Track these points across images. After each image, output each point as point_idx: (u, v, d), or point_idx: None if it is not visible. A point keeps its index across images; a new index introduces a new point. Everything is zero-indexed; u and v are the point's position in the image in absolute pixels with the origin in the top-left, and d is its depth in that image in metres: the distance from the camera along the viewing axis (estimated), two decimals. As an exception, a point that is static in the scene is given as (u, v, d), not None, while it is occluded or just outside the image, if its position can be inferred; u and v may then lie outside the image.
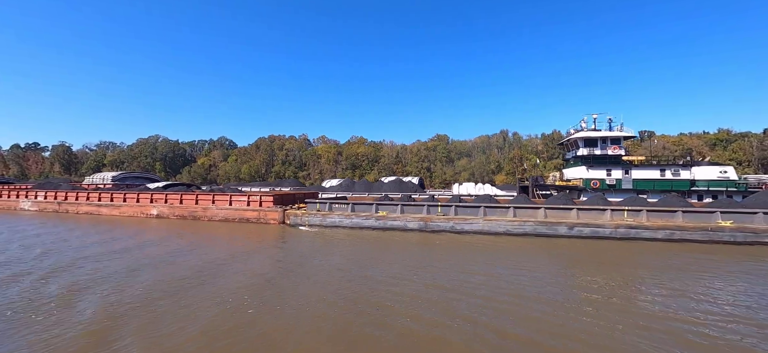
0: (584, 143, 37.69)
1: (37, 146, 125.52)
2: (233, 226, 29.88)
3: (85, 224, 29.89)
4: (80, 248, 19.48)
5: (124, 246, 20.36)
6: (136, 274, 14.45)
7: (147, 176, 70.58)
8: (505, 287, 13.01)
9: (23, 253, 18.09)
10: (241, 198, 33.12)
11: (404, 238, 24.00)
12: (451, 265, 16.41)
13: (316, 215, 28.91)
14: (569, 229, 24.10)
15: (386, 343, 8.61)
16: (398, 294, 12.05)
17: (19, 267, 15.38)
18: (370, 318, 10.06)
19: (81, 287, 12.68)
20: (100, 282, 13.33)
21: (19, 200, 44.09)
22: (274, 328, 9.44)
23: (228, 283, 13.31)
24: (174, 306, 10.82)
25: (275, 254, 19.11)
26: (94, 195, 40.34)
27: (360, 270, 15.45)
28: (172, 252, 18.86)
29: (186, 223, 31.64)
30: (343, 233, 26.46)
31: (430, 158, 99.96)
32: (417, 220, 26.68)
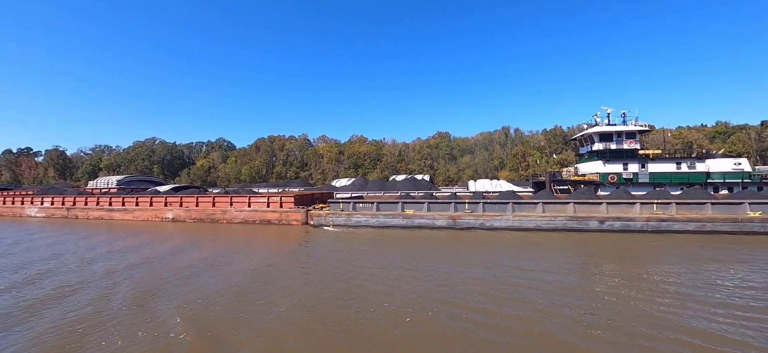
0: (599, 137, 37.92)
1: (29, 150, 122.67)
2: (255, 228, 29.42)
3: (102, 230, 29.12)
4: (119, 254, 18.91)
5: (162, 251, 19.83)
6: (198, 276, 14.06)
7: (151, 179, 69.35)
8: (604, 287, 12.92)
9: (62, 262, 17.46)
10: (261, 200, 32.64)
11: (436, 236, 23.81)
12: (520, 262, 16.29)
13: (341, 215, 28.59)
14: (600, 223, 24.18)
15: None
16: (495, 296, 11.77)
17: (70, 276, 14.78)
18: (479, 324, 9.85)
19: (151, 292, 12.21)
20: (167, 285, 12.90)
21: (25, 206, 42.90)
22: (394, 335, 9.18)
23: (297, 284, 13.00)
24: (267, 311, 10.47)
25: (320, 253, 18.80)
26: (104, 200, 39.41)
27: (427, 271, 15.08)
28: (219, 255, 18.38)
29: (204, 226, 31.08)
30: (370, 232, 26.19)
31: (433, 155, 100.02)
32: (445, 218, 26.53)
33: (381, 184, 46.69)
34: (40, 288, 12.96)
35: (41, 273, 15.02)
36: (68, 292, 12.42)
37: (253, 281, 13.68)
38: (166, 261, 17.19)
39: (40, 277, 14.43)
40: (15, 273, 15.22)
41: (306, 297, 11.80)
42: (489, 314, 10.07)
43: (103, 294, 12.17)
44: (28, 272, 15.32)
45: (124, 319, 9.97)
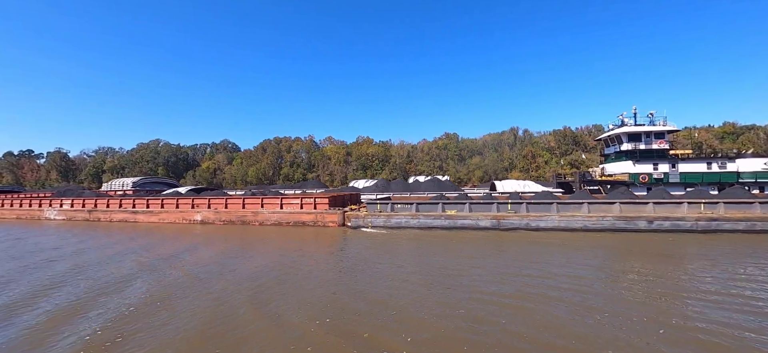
0: (628, 138, 37.87)
1: (31, 153, 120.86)
2: (290, 230, 28.88)
3: (132, 233, 28.39)
4: (173, 258, 18.37)
5: (219, 253, 19.33)
6: (285, 280, 13.62)
7: (166, 181, 68.50)
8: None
9: (125, 267, 16.91)
10: (293, 201, 32.15)
11: (482, 237, 23.48)
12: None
13: (380, 216, 28.19)
14: (649, 223, 24.00)
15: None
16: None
17: (150, 280, 14.28)
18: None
19: (266, 301, 11.71)
20: (269, 294, 12.44)
21: (43, 209, 42.04)
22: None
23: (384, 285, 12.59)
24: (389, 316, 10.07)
25: (380, 255, 18.39)
26: (127, 202, 38.69)
27: (526, 275, 14.72)
28: (282, 261, 17.92)
29: (235, 229, 30.48)
30: (411, 233, 25.78)
31: (442, 156, 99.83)
32: (489, 218, 26.23)
33: (404, 185, 46.33)
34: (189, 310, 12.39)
35: (169, 290, 12.77)
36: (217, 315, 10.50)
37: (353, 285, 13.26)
38: (236, 270, 16.69)
39: (170, 296, 12.14)
40: (118, 291, 12.70)
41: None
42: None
43: (240, 305, 11.28)
44: (143, 290, 12.69)
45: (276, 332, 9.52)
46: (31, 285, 13.49)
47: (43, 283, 13.81)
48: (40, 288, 13.22)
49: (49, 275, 15.06)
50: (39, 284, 13.69)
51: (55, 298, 11.96)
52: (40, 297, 12.08)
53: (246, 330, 9.24)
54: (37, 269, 16.23)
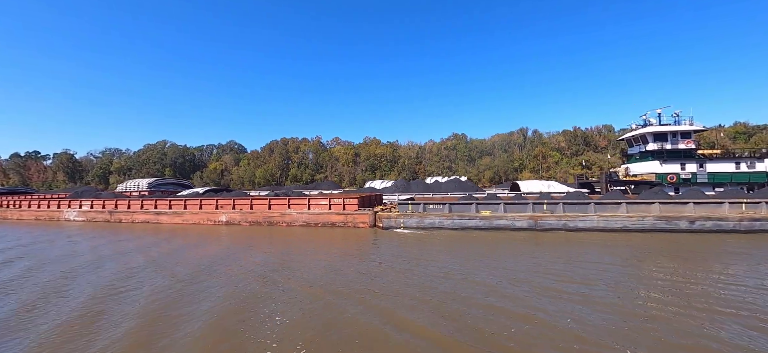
0: (654, 137, 37.61)
1: (37, 154, 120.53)
2: (319, 231, 28.54)
3: (163, 235, 28.00)
4: (218, 261, 18.03)
5: (266, 256, 19.02)
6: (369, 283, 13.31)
7: (181, 182, 68.22)
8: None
9: (186, 269, 16.59)
10: (321, 201, 31.85)
11: (520, 237, 23.18)
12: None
13: (413, 216, 27.90)
14: (690, 223, 23.71)
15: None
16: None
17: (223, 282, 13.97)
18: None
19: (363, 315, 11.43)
20: (373, 297, 12.15)
21: (63, 210, 41.71)
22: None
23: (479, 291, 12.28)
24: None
25: (446, 255, 18.08)
26: (148, 203, 38.38)
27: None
28: (340, 259, 17.63)
29: (262, 230, 30.11)
30: (446, 234, 25.44)
31: (451, 157, 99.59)
32: (525, 218, 25.93)
33: (425, 185, 46.04)
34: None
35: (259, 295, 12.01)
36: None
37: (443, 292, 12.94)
38: (312, 277, 16.37)
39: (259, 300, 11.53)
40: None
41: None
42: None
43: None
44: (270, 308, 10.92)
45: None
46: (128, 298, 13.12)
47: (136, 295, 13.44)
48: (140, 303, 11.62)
49: (121, 283, 14.72)
50: (131, 300, 12.99)
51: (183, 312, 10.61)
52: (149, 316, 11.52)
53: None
54: (88, 272, 15.91)
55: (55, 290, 13.02)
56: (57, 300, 11.89)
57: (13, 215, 44.88)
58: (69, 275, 15.22)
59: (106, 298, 11.95)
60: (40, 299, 12.00)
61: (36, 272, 15.92)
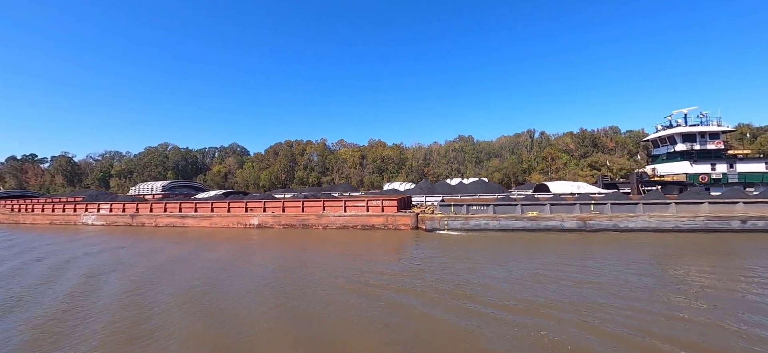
0: (683, 138, 37.80)
1: (34, 157, 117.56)
2: (359, 234, 27.86)
3: (200, 240, 27.10)
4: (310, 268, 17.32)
5: (348, 259, 18.36)
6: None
7: (194, 184, 66.89)
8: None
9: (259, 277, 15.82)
10: (358, 203, 31.22)
11: (568, 239, 22.85)
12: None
13: (457, 218, 27.42)
14: (742, 223, 23.61)
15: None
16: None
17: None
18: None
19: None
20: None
21: (80, 214, 40.36)
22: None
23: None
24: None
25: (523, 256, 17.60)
26: (172, 206, 37.34)
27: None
28: (411, 263, 17.03)
29: (297, 233, 29.35)
30: (492, 236, 25.01)
31: (459, 159, 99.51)
32: (574, 219, 25.62)
33: (449, 187, 45.62)
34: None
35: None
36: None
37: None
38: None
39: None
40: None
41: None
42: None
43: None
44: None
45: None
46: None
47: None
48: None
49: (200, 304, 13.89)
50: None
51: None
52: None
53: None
54: (160, 279, 15.10)
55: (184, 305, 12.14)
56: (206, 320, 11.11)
57: (26, 219, 43.37)
58: (151, 285, 14.41)
59: (226, 319, 11.22)
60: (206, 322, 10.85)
61: (146, 289, 15.04)
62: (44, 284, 14.25)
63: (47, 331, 9.46)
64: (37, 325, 9.89)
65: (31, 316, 10.60)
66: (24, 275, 15.95)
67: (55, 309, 11.10)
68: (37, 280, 14.87)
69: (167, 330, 9.40)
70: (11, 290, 13.54)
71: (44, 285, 14.14)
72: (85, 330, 9.43)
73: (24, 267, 17.72)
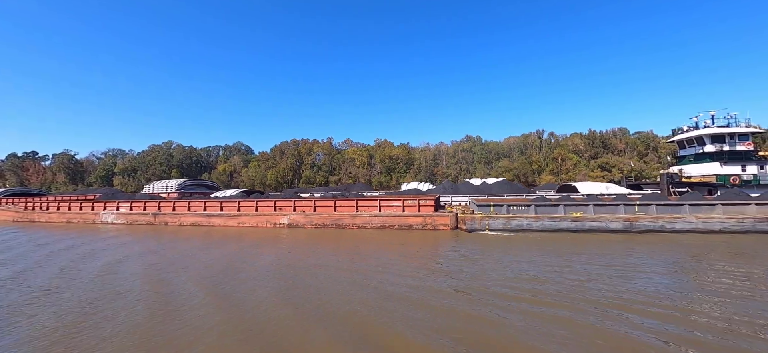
0: (711, 139, 37.66)
1: (35, 154, 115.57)
2: (397, 234, 27.24)
3: (240, 241, 26.33)
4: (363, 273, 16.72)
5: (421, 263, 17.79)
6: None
7: (208, 183, 65.85)
8: None
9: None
10: (394, 203, 30.68)
11: (621, 239, 22.48)
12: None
13: (498, 218, 26.96)
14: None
15: None
16: None
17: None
18: None
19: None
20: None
21: (98, 212, 39.38)
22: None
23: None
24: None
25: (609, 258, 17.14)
26: (196, 204, 36.53)
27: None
28: (476, 265, 16.51)
29: (331, 233, 28.71)
30: (536, 236, 24.51)
31: (468, 159, 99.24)
32: (620, 220, 25.26)
33: (473, 187, 45.15)
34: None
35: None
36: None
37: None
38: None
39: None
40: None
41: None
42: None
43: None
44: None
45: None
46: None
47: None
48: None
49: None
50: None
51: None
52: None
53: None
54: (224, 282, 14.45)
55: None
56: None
57: (41, 217, 42.26)
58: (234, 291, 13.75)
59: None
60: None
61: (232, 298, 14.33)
62: (157, 290, 13.51)
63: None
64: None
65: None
66: (114, 280, 15.22)
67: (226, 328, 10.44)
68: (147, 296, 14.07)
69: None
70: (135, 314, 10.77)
71: (156, 291, 13.41)
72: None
73: (106, 272, 16.95)
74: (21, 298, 12.03)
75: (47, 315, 10.40)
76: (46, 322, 9.82)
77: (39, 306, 11.14)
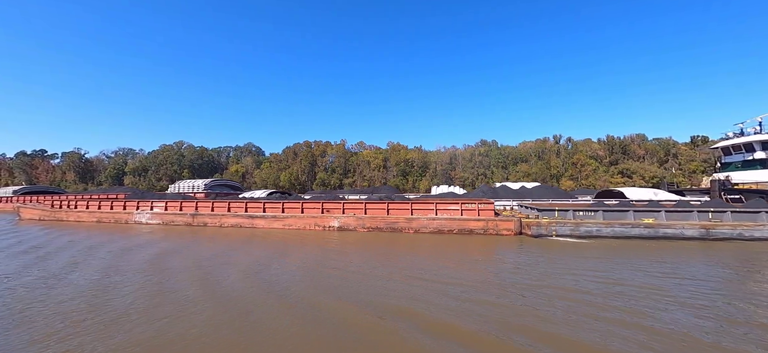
0: (762, 146, 37.05)
1: (44, 153, 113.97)
2: (457, 239, 26.29)
3: (292, 244, 25.40)
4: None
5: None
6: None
7: (232, 184, 64.68)
8: None
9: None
10: (451, 207, 29.71)
11: (697, 247, 21.61)
12: None
13: (566, 224, 26.04)
14: None
15: None
16: None
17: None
18: None
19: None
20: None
21: (131, 212, 38.19)
22: None
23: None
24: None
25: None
26: (237, 206, 35.43)
27: None
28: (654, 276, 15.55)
29: (385, 237, 27.68)
30: (606, 243, 23.62)
31: (485, 163, 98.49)
32: (696, 227, 24.40)
33: (512, 191, 44.33)
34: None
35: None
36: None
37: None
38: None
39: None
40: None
41: None
42: None
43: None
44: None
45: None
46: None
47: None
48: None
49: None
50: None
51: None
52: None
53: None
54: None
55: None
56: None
57: (69, 216, 41.04)
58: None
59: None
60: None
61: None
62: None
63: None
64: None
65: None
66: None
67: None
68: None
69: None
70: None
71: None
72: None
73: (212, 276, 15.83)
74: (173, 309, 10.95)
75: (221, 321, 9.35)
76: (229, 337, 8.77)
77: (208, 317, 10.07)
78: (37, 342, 8.32)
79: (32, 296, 11.84)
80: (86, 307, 10.68)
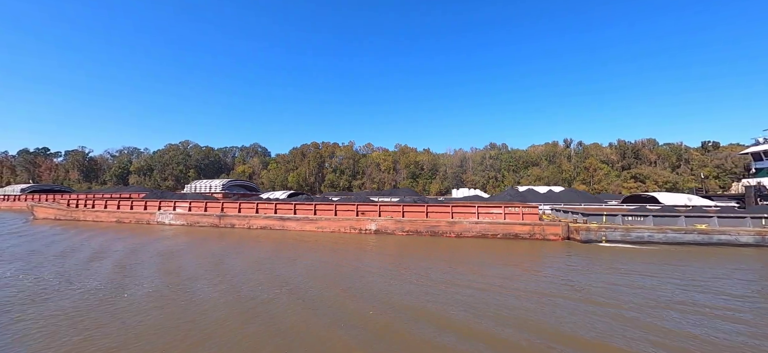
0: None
1: (47, 151, 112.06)
2: (501, 244, 25.55)
3: (345, 249, 24.54)
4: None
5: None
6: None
7: (248, 185, 63.56)
8: None
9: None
10: (494, 210, 28.95)
11: (756, 254, 21.04)
12: None
13: (616, 229, 25.37)
14: None
15: None
16: None
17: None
18: None
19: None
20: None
21: (152, 212, 37.07)
22: None
23: None
24: None
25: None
26: (265, 207, 34.47)
27: None
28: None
29: (425, 241, 26.89)
30: (659, 249, 22.94)
31: (495, 166, 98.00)
32: (752, 234, 23.83)
33: (539, 195, 43.74)
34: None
35: None
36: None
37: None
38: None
39: None
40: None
41: None
42: None
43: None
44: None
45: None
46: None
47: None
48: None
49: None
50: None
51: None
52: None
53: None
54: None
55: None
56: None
57: (87, 216, 39.86)
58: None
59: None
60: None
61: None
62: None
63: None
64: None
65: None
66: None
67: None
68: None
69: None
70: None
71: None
72: None
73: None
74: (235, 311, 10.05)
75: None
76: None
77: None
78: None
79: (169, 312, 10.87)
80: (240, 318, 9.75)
